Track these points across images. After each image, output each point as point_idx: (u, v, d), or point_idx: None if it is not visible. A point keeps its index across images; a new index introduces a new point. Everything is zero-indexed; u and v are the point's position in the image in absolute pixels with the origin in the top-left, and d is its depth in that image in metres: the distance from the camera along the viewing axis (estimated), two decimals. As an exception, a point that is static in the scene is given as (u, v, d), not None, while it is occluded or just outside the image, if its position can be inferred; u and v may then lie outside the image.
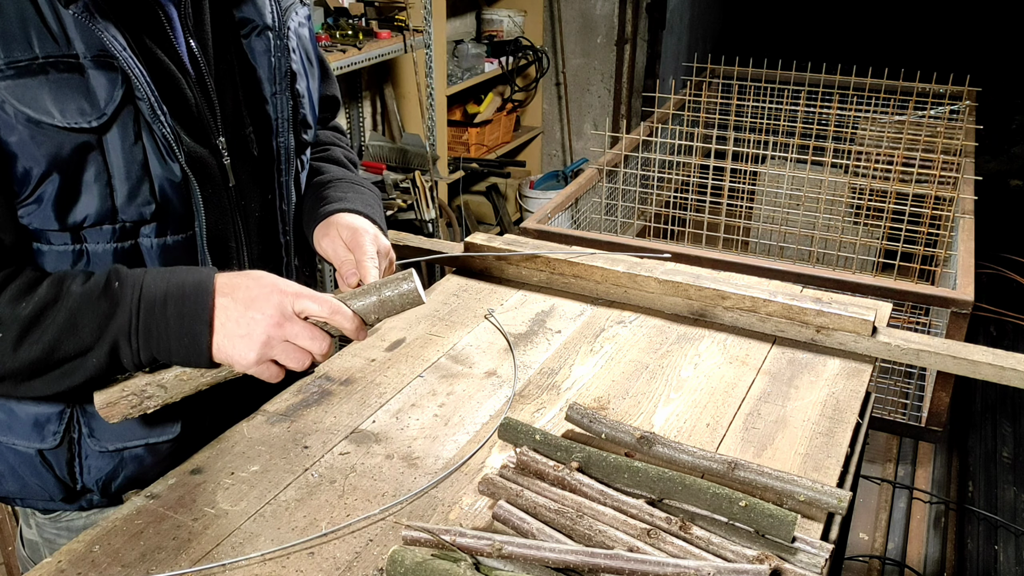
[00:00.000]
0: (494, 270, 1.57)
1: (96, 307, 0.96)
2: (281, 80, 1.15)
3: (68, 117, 0.94)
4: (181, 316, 0.96)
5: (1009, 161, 6.12)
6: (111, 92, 0.96)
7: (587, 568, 0.87)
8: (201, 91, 1.08)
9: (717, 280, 1.45)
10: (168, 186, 1.03)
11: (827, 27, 6.80)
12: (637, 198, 2.99)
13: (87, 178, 0.98)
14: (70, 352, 0.96)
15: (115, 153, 0.98)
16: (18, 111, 0.92)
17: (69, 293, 0.96)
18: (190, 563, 0.93)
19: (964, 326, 2.05)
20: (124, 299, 0.96)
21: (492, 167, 4.54)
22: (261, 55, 1.13)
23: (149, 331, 0.96)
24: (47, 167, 0.95)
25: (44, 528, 1.22)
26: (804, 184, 2.83)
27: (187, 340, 0.96)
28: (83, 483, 1.14)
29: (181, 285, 0.97)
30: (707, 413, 1.21)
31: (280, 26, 1.14)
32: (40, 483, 1.13)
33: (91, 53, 0.95)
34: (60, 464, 1.12)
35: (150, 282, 0.97)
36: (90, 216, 1.00)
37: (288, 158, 1.19)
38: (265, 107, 1.15)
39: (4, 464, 1.13)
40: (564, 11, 4.95)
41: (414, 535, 0.91)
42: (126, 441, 1.12)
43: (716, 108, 3.36)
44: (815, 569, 0.90)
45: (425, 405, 1.22)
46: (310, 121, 1.23)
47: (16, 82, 0.92)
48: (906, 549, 2.58)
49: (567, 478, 1.00)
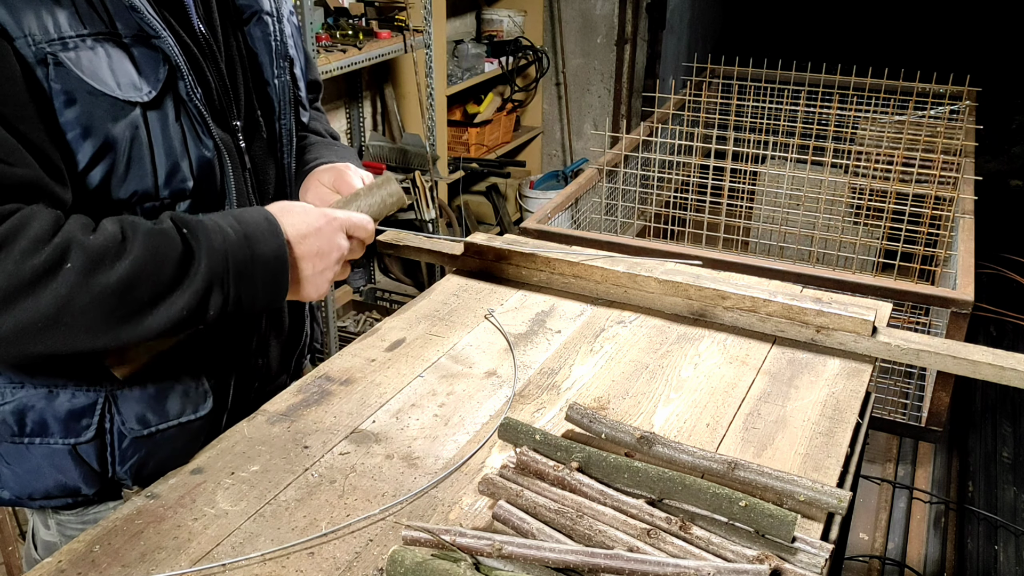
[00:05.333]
0: (494, 270, 1.57)
1: (173, 248, 0.95)
2: (282, 64, 1.19)
3: (123, 90, 0.97)
4: (267, 272, 1.02)
5: (1009, 161, 6.12)
6: (156, 70, 1.00)
7: (587, 568, 0.87)
8: (218, 77, 1.11)
9: (717, 280, 1.45)
10: (203, 163, 1.06)
11: (827, 27, 6.80)
12: (637, 198, 2.99)
13: (134, 155, 1.00)
14: (149, 290, 0.93)
15: (157, 131, 1.01)
16: (80, 80, 0.94)
17: (143, 226, 0.95)
18: (190, 563, 0.93)
19: (964, 326, 2.05)
20: (205, 246, 0.97)
21: (492, 167, 4.54)
22: (260, 40, 1.17)
23: (240, 273, 0.99)
24: (100, 144, 0.97)
25: (67, 526, 1.21)
26: (804, 184, 2.83)
27: (272, 290, 1.04)
28: (116, 473, 1.14)
29: (249, 222, 1.02)
30: (707, 413, 1.21)
31: (278, 12, 1.19)
32: (69, 479, 1.13)
33: (131, 33, 0.99)
34: (92, 456, 1.12)
35: (216, 225, 1.00)
36: (136, 194, 1.02)
37: (291, 139, 1.23)
38: (267, 90, 1.19)
39: (29, 464, 1.11)
40: (564, 11, 4.95)
41: (414, 535, 0.91)
42: (158, 424, 1.13)
43: (716, 108, 3.35)
44: (815, 569, 0.90)
45: (425, 405, 1.22)
46: (305, 103, 1.28)
47: (76, 53, 0.95)
48: (906, 549, 2.58)
49: (567, 478, 1.00)
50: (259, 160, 1.19)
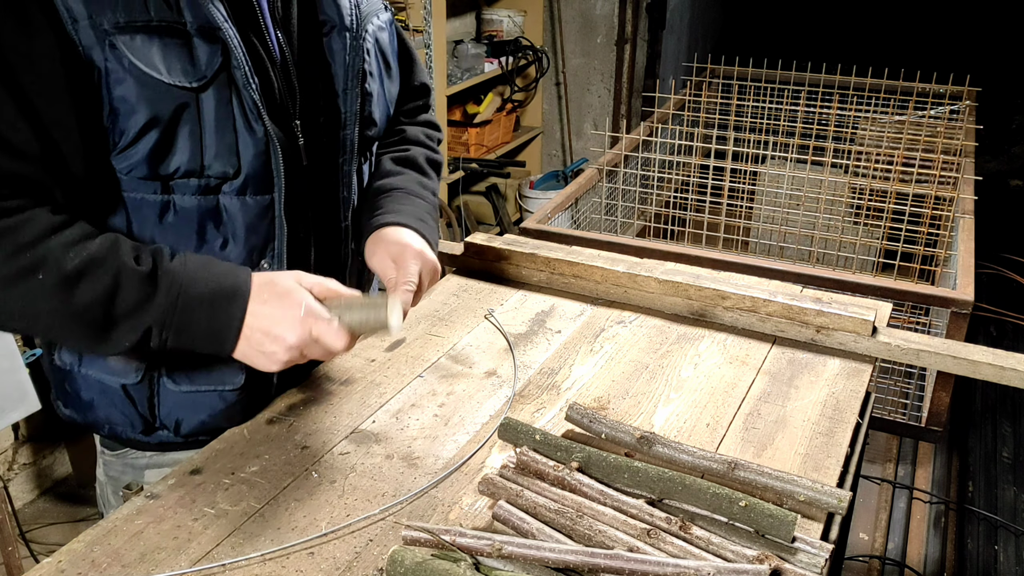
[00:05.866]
0: (494, 270, 1.58)
1: (140, 286, 1.01)
2: (353, 78, 1.23)
3: (173, 75, 1.04)
4: (213, 319, 1.03)
5: (1009, 161, 6.12)
6: (211, 59, 1.06)
7: (587, 568, 0.87)
8: (284, 77, 1.17)
9: (717, 280, 1.45)
10: (252, 148, 1.11)
11: (827, 27, 6.80)
12: (637, 198, 2.99)
13: (181, 132, 1.06)
14: (99, 319, 1.00)
15: (208, 112, 1.07)
16: (132, 64, 1.01)
17: (119, 260, 1.01)
18: (190, 563, 0.93)
19: (964, 326, 2.04)
20: (162, 290, 1.02)
21: (492, 167, 4.53)
22: (337, 53, 1.22)
23: (180, 329, 1.03)
24: (148, 119, 1.04)
25: (110, 466, 1.30)
26: (804, 184, 2.83)
27: (215, 344, 1.05)
28: (160, 419, 1.22)
29: (217, 291, 1.04)
30: (707, 413, 1.21)
31: (358, 28, 1.24)
32: (124, 413, 1.21)
33: (197, 23, 1.05)
34: (141, 399, 1.20)
35: (188, 283, 1.03)
36: (180, 168, 1.08)
37: (353, 150, 1.26)
38: (336, 100, 1.23)
39: (93, 393, 1.21)
40: (564, 11, 4.94)
41: (414, 535, 0.91)
42: (198, 386, 1.20)
43: (716, 108, 3.35)
44: (815, 569, 0.90)
45: (425, 405, 1.22)
46: (376, 119, 1.31)
47: (133, 38, 1.01)
48: (906, 549, 2.58)
49: (567, 478, 1.00)
50: (320, 162, 1.23)
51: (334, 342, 1.04)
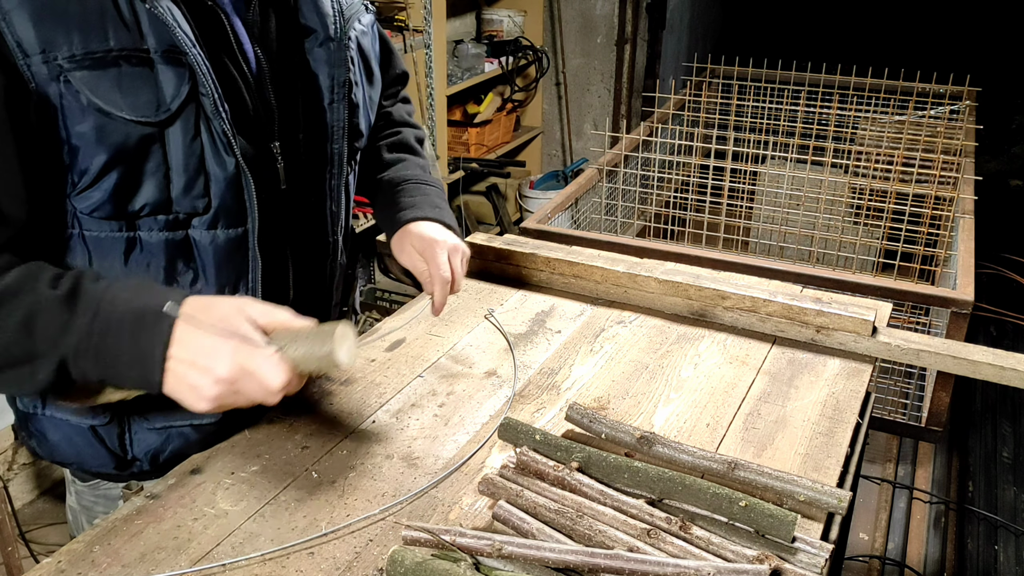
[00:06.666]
0: (494, 270, 1.57)
1: (55, 316, 0.90)
2: (339, 89, 1.18)
3: (135, 111, 0.97)
4: (134, 346, 0.90)
5: (1009, 161, 6.12)
6: (178, 87, 0.99)
7: (587, 568, 0.87)
8: (260, 96, 1.11)
9: (717, 280, 1.45)
10: (223, 181, 1.05)
11: (827, 27, 6.80)
12: (637, 198, 2.99)
13: (147, 169, 1.01)
14: (18, 355, 0.91)
15: (175, 147, 1.01)
16: (90, 101, 0.95)
17: (35, 291, 0.91)
18: (190, 563, 0.93)
19: (964, 326, 2.04)
20: (79, 312, 0.91)
21: (492, 167, 4.53)
22: (322, 64, 1.16)
23: (99, 354, 0.91)
24: (110, 157, 0.98)
25: (82, 496, 1.27)
26: (804, 184, 2.83)
27: (138, 372, 0.91)
28: (133, 454, 1.18)
29: (140, 311, 0.91)
30: (707, 413, 1.21)
31: (342, 36, 1.18)
32: (93, 452, 1.17)
33: (161, 48, 0.98)
34: (112, 437, 1.16)
35: (108, 302, 0.92)
36: (147, 206, 1.03)
37: (341, 163, 1.22)
38: (322, 114, 1.18)
39: (59, 434, 1.17)
40: (564, 11, 4.94)
41: (414, 535, 0.91)
42: (171, 421, 1.16)
43: (716, 108, 3.35)
44: (815, 569, 0.90)
45: (425, 405, 1.22)
46: (363, 130, 1.27)
47: (91, 73, 0.95)
48: (906, 549, 2.58)
49: (567, 478, 1.00)
50: (297, 181, 1.17)
51: (271, 376, 0.89)
